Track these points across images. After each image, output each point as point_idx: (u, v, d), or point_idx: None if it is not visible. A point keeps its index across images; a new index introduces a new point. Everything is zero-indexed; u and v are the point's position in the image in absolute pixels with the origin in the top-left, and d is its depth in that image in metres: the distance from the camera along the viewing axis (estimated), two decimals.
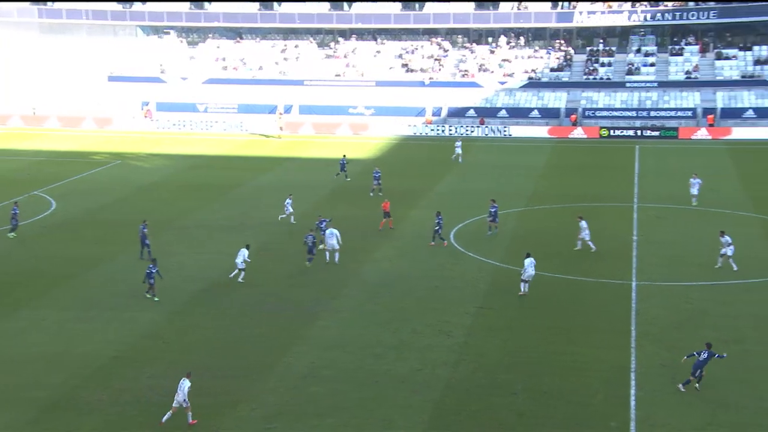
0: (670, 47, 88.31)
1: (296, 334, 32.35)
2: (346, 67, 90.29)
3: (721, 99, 79.93)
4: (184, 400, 25.43)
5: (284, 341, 31.59)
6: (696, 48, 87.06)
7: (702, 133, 75.93)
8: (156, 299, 35.66)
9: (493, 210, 45.20)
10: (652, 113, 79.95)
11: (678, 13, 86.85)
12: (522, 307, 35.10)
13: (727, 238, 39.08)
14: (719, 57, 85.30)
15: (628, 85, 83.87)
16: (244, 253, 38.22)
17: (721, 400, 26.87)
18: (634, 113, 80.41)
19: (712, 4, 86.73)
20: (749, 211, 49.85)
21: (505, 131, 78.99)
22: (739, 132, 75.24)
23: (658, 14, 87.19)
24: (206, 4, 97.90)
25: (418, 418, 25.94)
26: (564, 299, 35.56)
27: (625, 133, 77.25)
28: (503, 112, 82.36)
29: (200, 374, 27.95)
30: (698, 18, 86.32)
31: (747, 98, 79.60)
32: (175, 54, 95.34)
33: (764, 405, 26.39)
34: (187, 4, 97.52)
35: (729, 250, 38.79)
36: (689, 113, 79.25)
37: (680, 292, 36.59)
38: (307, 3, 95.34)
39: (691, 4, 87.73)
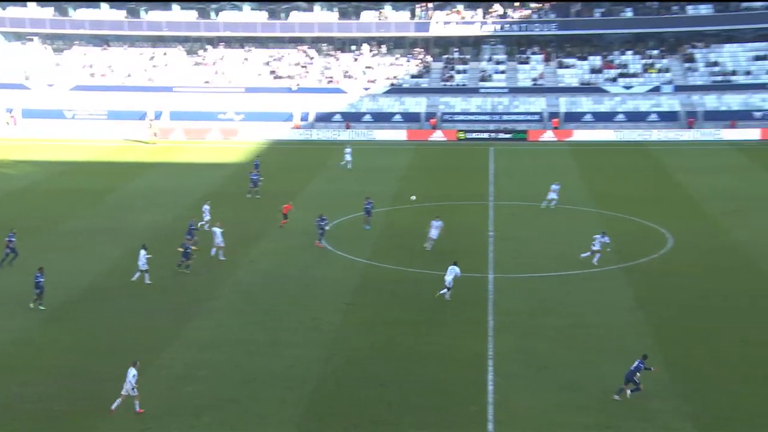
0: (518, 56, 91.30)
1: (171, 335, 31.84)
2: (215, 74, 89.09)
3: (564, 104, 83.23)
4: (132, 388, 25.19)
5: (159, 343, 31.04)
6: (541, 57, 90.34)
7: (548, 135, 78.90)
8: (42, 308, 34.31)
9: (368, 206, 46.53)
10: (504, 117, 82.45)
11: (523, 25, 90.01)
12: (388, 302, 35.63)
13: (606, 239, 40.43)
14: (561, 66, 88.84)
15: (481, 90, 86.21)
16: (143, 254, 37.25)
17: (569, 381, 28.08)
18: (488, 117, 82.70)
19: (553, 17, 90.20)
20: (591, 207, 52.17)
21: (369, 135, 79.81)
22: (580, 134, 78.67)
23: (506, 25, 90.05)
24: (71, 11, 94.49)
25: (292, 412, 26.03)
26: (427, 294, 36.28)
27: (480, 135, 79.40)
28: (368, 117, 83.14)
29: (74, 378, 27.12)
30: (541, 30, 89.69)
31: (585, 103, 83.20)
32: (39, 61, 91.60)
33: (605, 385, 27.73)
34: (51, 10, 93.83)
35: (597, 245, 39.95)
36: (537, 117, 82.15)
37: (532, 283, 37.98)
38: (175, 11, 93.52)
39: (535, 16, 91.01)
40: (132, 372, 25.47)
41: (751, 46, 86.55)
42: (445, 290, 35.44)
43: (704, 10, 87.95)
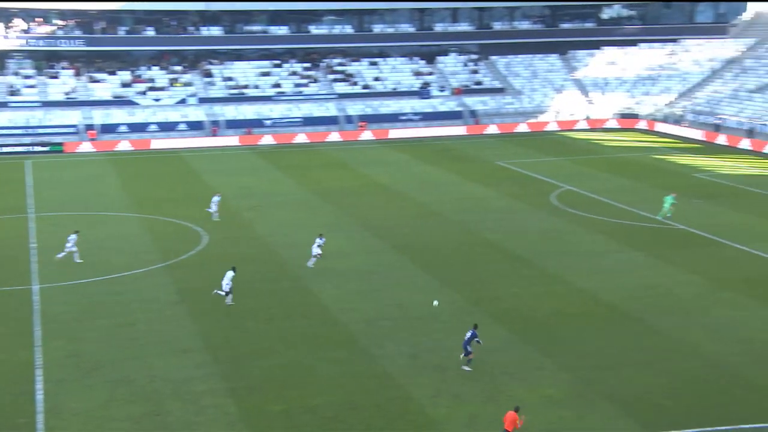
0: (47, 70, 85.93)
1: None
2: None
3: (99, 116, 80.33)
4: None
5: None
6: (71, 72, 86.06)
7: (86, 147, 75.54)
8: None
9: None
10: (39, 130, 76.98)
11: (50, 41, 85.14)
12: None
13: (321, 240, 39.41)
14: (92, 80, 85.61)
15: (11, 105, 79.46)
16: None
17: (119, 377, 27.31)
18: (22, 131, 76.48)
19: (79, 33, 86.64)
20: (134, 212, 51.16)
21: None
22: (120, 145, 76.74)
23: (32, 40, 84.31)
24: None
25: None
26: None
27: (15, 149, 73.17)
28: None
29: None
30: (69, 45, 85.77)
31: (119, 115, 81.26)
32: None
33: (154, 375, 27.50)
34: None
35: (316, 249, 39.13)
36: (73, 129, 78.10)
37: (81, 289, 36.12)
38: None
39: (61, 32, 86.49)
40: None
41: (256, 64, 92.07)
42: (223, 293, 33.75)
43: (216, 31, 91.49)
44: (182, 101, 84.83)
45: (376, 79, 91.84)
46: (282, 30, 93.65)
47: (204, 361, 28.48)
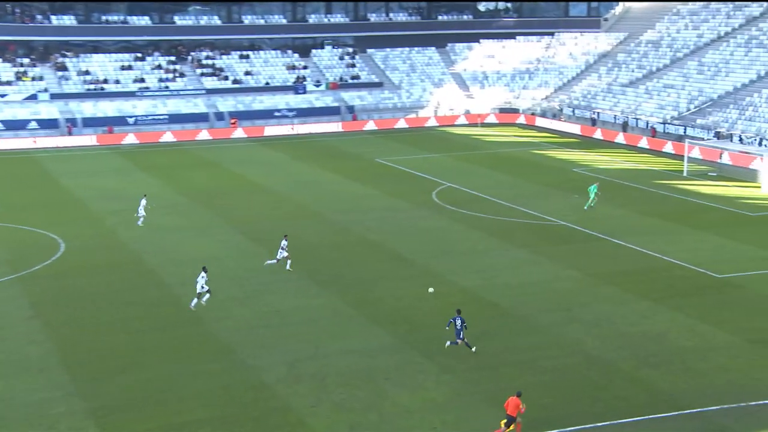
0: None
1: None
2: None
3: None
4: None
5: None
6: None
7: None
8: None
9: None
10: None
11: None
12: None
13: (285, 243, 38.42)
14: None
15: None
16: None
17: None
18: None
19: None
20: None
21: None
22: None
23: None
24: None
25: None
26: None
27: None
28: None
29: None
30: None
31: None
32: None
33: (6, 398, 26.20)
34: None
35: (281, 253, 38.31)
36: None
37: None
38: None
39: None
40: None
41: (116, 57, 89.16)
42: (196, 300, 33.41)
43: (68, 20, 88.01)
44: (32, 97, 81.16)
45: (248, 73, 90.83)
46: (143, 20, 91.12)
47: (61, 380, 27.35)
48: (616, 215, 49.41)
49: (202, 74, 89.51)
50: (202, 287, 33.51)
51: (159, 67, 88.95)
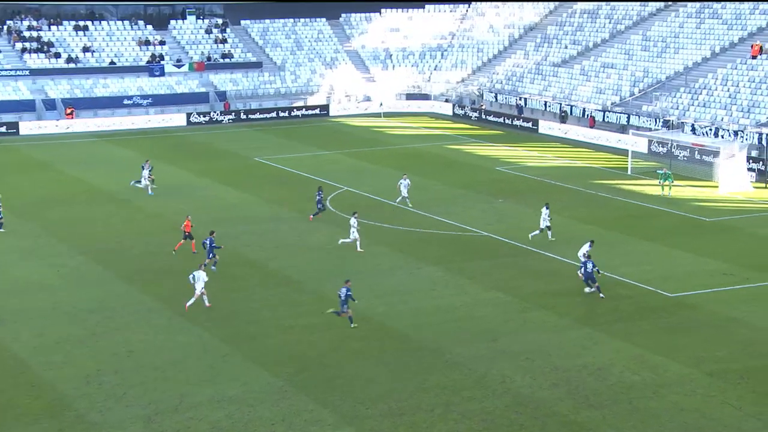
0: None
1: None
2: None
3: None
4: None
5: None
6: None
7: None
8: None
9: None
10: None
11: None
12: None
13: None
14: None
15: None
16: None
17: None
18: None
19: None
20: None
21: None
22: None
23: None
24: None
25: None
26: None
27: None
28: None
29: None
30: None
31: None
32: None
33: None
34: None
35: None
36: None
37: None
38: None
39: None
40: None
41: None
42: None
43: None
44: None
45: (87, 49, 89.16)
46: None
47: None
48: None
49: (24, 50, 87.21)
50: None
51: None
